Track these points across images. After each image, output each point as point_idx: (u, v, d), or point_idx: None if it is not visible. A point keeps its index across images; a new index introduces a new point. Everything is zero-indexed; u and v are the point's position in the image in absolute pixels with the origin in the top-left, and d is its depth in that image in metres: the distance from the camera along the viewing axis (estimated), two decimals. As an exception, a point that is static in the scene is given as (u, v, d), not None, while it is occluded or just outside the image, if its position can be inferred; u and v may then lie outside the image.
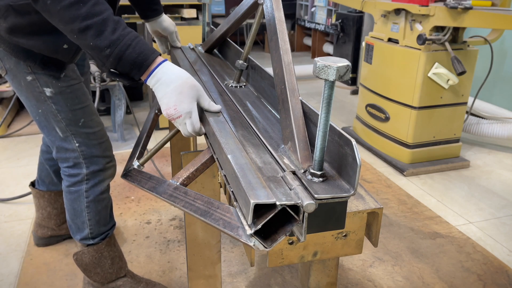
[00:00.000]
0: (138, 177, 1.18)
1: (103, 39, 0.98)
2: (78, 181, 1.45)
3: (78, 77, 1.39)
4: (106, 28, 0.98)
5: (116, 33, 0.99)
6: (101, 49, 0.99)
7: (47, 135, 1.41)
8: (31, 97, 1.33)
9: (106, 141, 1.47)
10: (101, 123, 1.47)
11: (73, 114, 1.36)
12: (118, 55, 0.99)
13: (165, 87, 1.01)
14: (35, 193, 1.89)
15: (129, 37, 1.00)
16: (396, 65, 2.81)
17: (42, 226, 1.93)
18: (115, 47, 0.99)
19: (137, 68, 1.02)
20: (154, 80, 1.02)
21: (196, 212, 0.86)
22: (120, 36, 0.99)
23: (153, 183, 1.08)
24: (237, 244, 1.99)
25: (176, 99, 1.00)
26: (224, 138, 0.93)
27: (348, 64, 0.67)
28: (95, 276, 1.57)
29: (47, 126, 1.38)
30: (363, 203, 0.94)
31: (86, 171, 1.43)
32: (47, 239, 1.96)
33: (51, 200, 1.88)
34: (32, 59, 1.26)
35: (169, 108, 1.01)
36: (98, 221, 1.51)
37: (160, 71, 1.02)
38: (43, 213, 1.91)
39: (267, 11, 1.17)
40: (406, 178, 2.75)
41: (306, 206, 0.69)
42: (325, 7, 5.83)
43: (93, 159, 1.43)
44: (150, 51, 1.02)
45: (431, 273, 1.85)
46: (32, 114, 1.38)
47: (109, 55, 1.00)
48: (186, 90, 1.01)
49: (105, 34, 0.98)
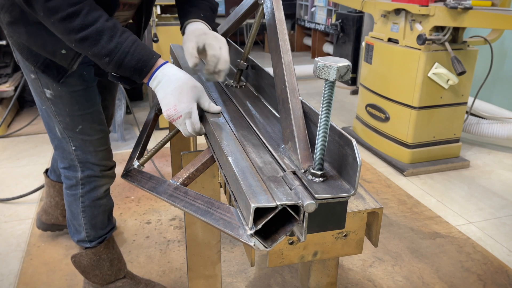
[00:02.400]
0: (138, 177, 1.18)
1: (100, 48, 0.98)
2: (74, 185, 1.43)
3: (84, 83, 1.32)
4: (102, 37, 0.98)
5: (113, 42, 0.99)
6: (100, 57, 1.00)
7: (47, 131, 1.40)
8: (35, 94, 1.34)
9: (104, 150, 1.42)
10: (103, 130, 1.41)
11: (70, 119, 1.32)
12: (117, 63, 1.00)
13: (165, 89, 1.01)
14: (47, 181, 1.93)
15: (127, 44, 1.00)
16: (396, 65, 2.81)
17: (47, 213, 1.96)
18: (114, 56, 0.99)
19: (137, 73, 1.02)
20: (155, 82, 1.03)
21: (197, 212, 0.86)
22: (118, 44, 0.99)
23: (153, 183, 1.08)
24: (237, 244, 1.99)
25: (175, 99, 1.00)
26: (224, 139, 0.93)
27: (348, 64, 0.67)
28: (94, 278, 1.56)
29: (49, 123, 1.38)
30: (363, 203, 0.94)
31: (81, 175, 1.41)
32: (49, 225, 1.98)
33: (60, 191, 1.89)
34: (34, 59, 1.24)
35: (169, 109, 1.01)
36: (94, 225, 1.49)
37: (160, 74, 1.02)
38: (51, 201, 1.94)
39: (267, 11, 1.17)
40: (406, 178, 2.75)
41: (307, 206, 0.69)
42: (325, 7, 5.83)
43: (88, 164, 1.40)
44: (149, 56, 1.02)
45: (431, 273, 1.85)
46: (38, 108, 1.39)
47: (109, 63, 1.00)
48: (186, 90, 1.01)
49: (102, 43, 0.98)
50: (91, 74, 1.35)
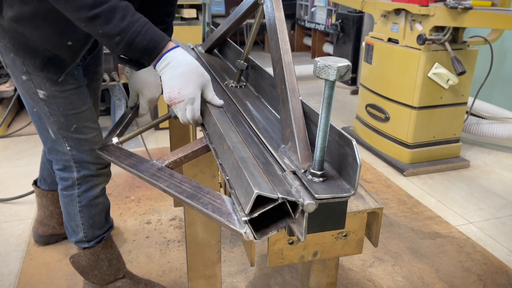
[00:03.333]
0: (116, 153, 1.13)
1: (112, 27, 0.97)
2: (70, 185, 1.42)
3: (76, 82, 1.32)
4: (114, 15, 0.97)
5: (126, 20, 0.98)
6: (111, 37, 0.98)
7: (40, 134, 1.40)
8: (26, 96, 1.32)
9: None
10: (97, 129, 1.41)
11: (65, 119, 1.32)
12: (128, 42, 0.98)
13: (172, 70, 1.00)
14: (38, 192, 1.88)
15: (139, 23, 0.99)
16: (396, 65, 2.81)
17: (43, 224, 1.93)
18: (125, 35, 0.98)
19: (147, 54, 1.01)
20: (163, 64, 1.02)
21: (182, 194, 0.84)
22: (130, 23, 0.98)
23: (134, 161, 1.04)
24: (237, 244, 1.99)
25: (182, 83, 0.99)
26: (226, 129, 0.92)
27: (348, 64, 0.67)
28: (93, 278, 1.56)
29: (40, 126, 1.37)
30: (363, 203, 0.94)
31: (77, 175, 1.40)
32: (47, 237, 1.95)
33: (54, 200, 1.87)
34: (32, 58, 1.21)
35: (172, 91, 1.00)
36: (92, 225, 1.49)
37: (170, 56, 1.01)
38: (45, 212, 1.90)
39: (267, 11, 1.17)
40: (406, 178, 2.75)
41: (307, 206, 0.69)
42: (325, 7, 5.83)
43: (84, 164, 1.40)
44: (160, 37, 1.01)
45: (431, 273, 1.85)
46: (28, 112, 1.38)
47: (119, 42, 0.98)
48: (194, 76, 1.00)
49: (114, 21, 0.97)
50: (80, 74, 1.35)
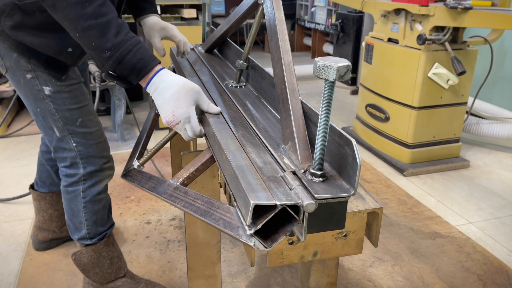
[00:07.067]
0: (138, 177, 1.18)
1: (106, 41, 0.99)
2: (75, 182, 1.45)
3: (78, 77, 1.39)
4: (109, 30, 0.99)
5: (119, 37, 1.00)
6: (102, 51, 1.00)
7: (45, 134, 1.41)
8: (29, 96, 1.34)
9: (103, 141, 1.47)
10: (99, 123, 1.47)
11: (70, 113, 1.36)
12: (118, 58, 1.00)
13: (162, 95, 1.02)
14: (35, 195, 1.85)
15: (132, 42, 1.01)
16: (396, 65, 2.81)
17: (42, 229, 1.90)
18: (117, 50, 0.99)
19: (135, 73, 1.03)
20: (152, 88, 1.04)
21: (196, 212, 0.86)
22: (123, 40, 1.00)
23: (153, 183, 1.08)
24: (237, 244, 1.99)
25: (173, 105, 1.01)
26: (224, 139, 0.93)
27: (348, 64, 0.67)
28: (94, 276, 1.57)
29: (45, 126, 1.38)
30: (363, 203, 0.94)
31: (83, 171, 1.43)
32: (48, 242, 1.93)
33: (53, 202, 1.85)
34: (36, 57, 1.27)
35: (167, 115, 1.02)
36: (96, 221, 1.51)
37: (157, 79, 1.03)
38: (44, 216, 1.87)
39: (267, 11, 1.17)
40: (406, 178, 2.75)
41: (306, 206, 0.69)
42: (325, 7, 5.83)
43: (90, 159, 1.43)
44: (150, 58, 1.03)
45: (431, 273, 1.85)
46: (31, 113, 1.39)
47: (110, 58, 1.00)
48: (183, 95, 1.01)
49: (108, 36, 0.99)
50: (78, 71, 1.43)
